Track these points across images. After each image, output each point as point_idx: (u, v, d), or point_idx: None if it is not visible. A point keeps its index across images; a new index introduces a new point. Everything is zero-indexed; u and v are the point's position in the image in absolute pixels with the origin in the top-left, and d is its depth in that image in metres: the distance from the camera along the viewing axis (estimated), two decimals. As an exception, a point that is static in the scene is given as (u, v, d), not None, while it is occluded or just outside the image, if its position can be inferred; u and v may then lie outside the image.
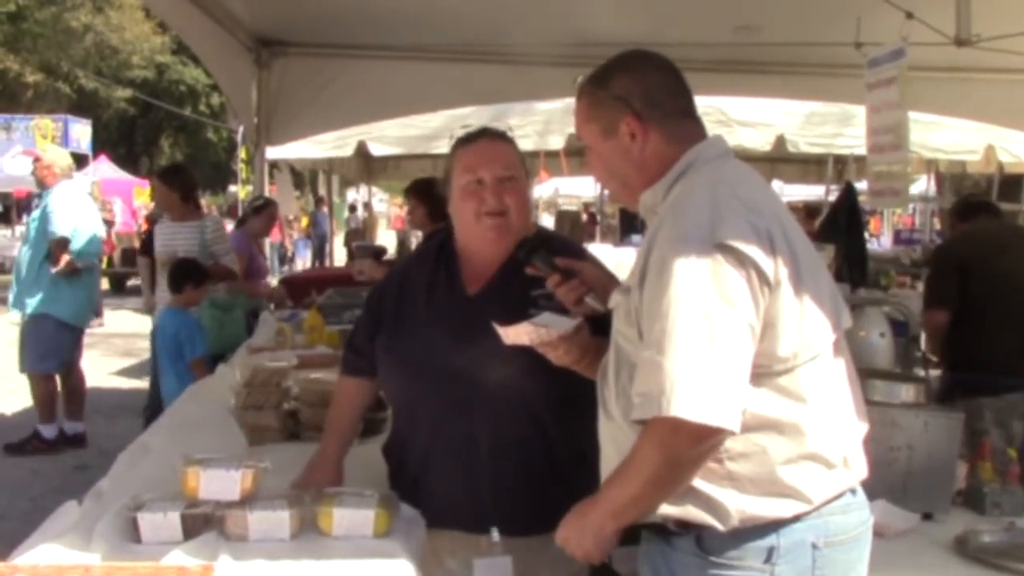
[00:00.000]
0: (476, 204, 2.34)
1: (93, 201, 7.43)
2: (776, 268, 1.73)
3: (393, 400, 2.55)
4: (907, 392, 2.60)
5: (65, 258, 6.42)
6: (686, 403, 1.64)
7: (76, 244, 6.51)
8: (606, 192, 12.80)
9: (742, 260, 1.70)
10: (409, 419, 2.44)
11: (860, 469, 1.89)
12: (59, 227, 6.41)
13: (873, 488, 1.95)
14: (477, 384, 2.28)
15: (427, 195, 5.64)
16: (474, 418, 2.31)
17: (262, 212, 7.28)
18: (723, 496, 1.76)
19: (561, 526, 1.90)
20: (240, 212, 10.24)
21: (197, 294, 5.40)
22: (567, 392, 2.28)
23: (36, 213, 6.76)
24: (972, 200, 5.24)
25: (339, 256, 19.48)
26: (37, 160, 6.72)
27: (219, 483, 2.07)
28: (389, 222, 32.80)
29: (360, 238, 15.76)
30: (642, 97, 1.91)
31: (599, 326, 2.13)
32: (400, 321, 2.43)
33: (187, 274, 5.37)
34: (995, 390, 4.10)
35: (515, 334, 2.03)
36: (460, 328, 2.32)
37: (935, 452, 2.51)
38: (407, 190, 6.30)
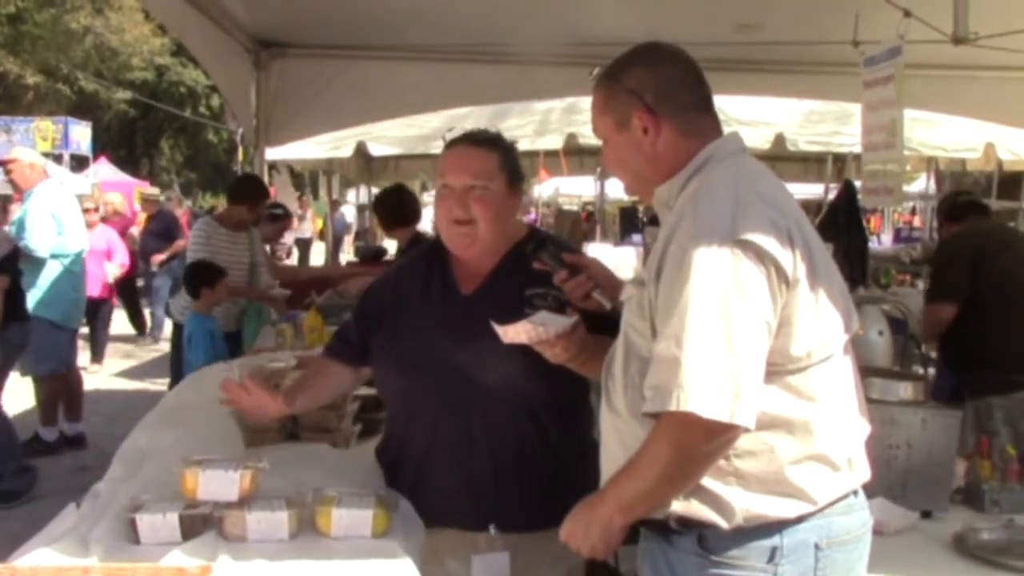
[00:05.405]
0: (445, 210, 2.36)
1: (79, 202, 7.34)
2: (795, 265, 1.73)
3: (389, 400, 2.55)
4: (905, 390, 2.60)
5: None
6: (701, 398, 1.64)
7: (61, 248, 6.49)
8: (606, 192, 12.83)
9: (762, 256, 1.69)
10: (407, 420, 2.44)
11: (864, 471, 1.89)
12: (37, 246, 6.31)
13: (872, 486, 1.94)
14: (475, 383, 2.28)
15: (387, 206, 5.73)
16: (472, 417, 2.31)
17: (279, 221, 7.24)
18: (729, 494, 1.76)
19: (567, 520, 1.89)
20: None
21: (214, 296, 5.39)
22: (565, 390, 2.30)
23: (16, 216, 6.70)
24: (960, 200, 5.21)
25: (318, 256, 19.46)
26: (11, 163, 6.60)
27: (218, 484, 2.07)
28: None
29: (363, 239, 15.77)
30: (655, 91, 1.90)
31: (596, 323, 2.13)
32: (396, 322, 2.43)
33: (201, 277, 5.36)
34: (1005, 389, 4.07)
35: (513, 332, 2.05)
36: (457, 328, 2.32)
37: (934, 450, 2.52)
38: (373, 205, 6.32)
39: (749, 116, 8.28)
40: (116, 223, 10.72)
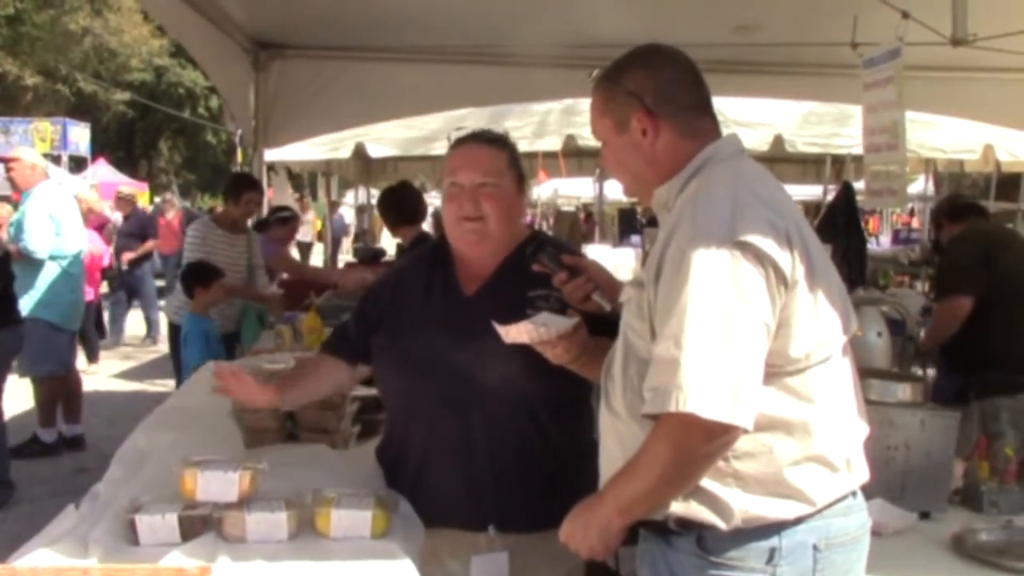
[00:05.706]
0: (456, 208, 2.36)
1: (77, 203, 7.32)
2: (793, 267, 1.73)
3: (390, 401, 2.56)
4: (904, 391, 2.60)
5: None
6: (700, 399, 1.64)
7: (59, 250, 6.48)
8: (605, 193, 12.84)
9: (761, 258, 1.70)
10: (406, 419, 2.44)
11: (862, 472, 1.89)
12: (36, 247, 6.30)
13: (870, 487, 1.95)
14: (476, 383, 2.28)
15: (391, 204, 5.51)
16: (472, 417, 2.31)
17: (287, 223, 7.27)
18: (728, 495, 1.76)
19: (566, 521, 1.90)
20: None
21: (209, 296, 5.37)
22: (565, 390, 2.30)
23: (15, 217, 6.68)
24: (960, 202, 5.22)
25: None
26: (13, 161, 6.58)
27: (217, 485, 2.08)
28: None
29: (362, 240, 15.79)
30: (654, 92, 1.90)
31: (596, 325, 2.14)
32: (397, 322, 2.44)
33: (197, 277, 5.35)
34: (1009, 390, 4.06)
35: (515, 332, 2.05)
36: (459, 328, 2.32)
37: (932, 451, 2.52)
38: (377, 203, 6.19)
39: (748, 117, 8.27)
40: (91, 221, 10.68)
